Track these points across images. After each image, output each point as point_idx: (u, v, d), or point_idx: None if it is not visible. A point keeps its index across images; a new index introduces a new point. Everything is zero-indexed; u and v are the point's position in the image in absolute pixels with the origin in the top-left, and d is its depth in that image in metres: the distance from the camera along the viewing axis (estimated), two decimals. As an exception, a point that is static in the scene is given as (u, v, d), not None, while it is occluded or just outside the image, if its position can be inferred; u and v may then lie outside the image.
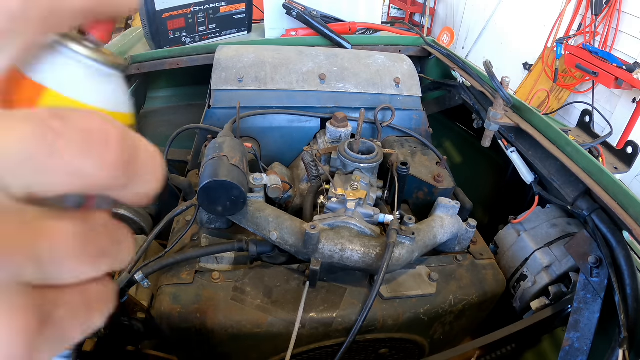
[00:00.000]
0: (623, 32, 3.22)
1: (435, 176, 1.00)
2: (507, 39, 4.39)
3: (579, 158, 0.84)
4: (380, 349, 0.85)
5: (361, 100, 1.17)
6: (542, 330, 0.86)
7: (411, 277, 0.83)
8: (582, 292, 0.76)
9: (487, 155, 1.35)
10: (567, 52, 3.23)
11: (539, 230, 0.93)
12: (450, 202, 0.89)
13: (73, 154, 0.16)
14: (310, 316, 0.75)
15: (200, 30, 1.45)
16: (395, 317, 0.79)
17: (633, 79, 2.71)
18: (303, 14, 1.48)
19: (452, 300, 0.82)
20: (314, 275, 0.76)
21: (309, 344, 0.77)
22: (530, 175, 1.00)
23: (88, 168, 0.16)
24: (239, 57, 1.17)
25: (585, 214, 0.82)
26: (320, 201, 0.88)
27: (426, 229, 0.85)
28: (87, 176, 0.16)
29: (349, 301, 0.78)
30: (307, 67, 1.16)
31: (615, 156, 1.10)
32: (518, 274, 0.92)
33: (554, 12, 3.69)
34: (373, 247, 0.77)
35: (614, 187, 0.77)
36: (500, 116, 0.99)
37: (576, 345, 0.71)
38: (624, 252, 0.74)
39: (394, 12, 5.72)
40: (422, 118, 1.23)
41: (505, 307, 0.93)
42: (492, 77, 0.99)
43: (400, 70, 1.23)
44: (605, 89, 3.23)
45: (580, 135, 1.19)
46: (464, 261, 0.90)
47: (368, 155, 0.95)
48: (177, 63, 1.34)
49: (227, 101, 1.11)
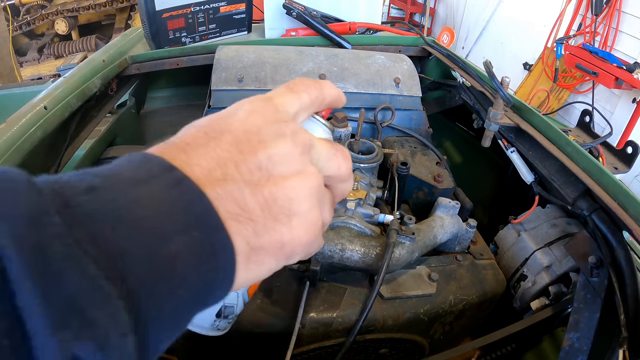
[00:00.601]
0: (623, 32, 3.23)
1: (435, 176, 1.00)
2: (507, 39, 4.39)
3: (579, 158, 0.84)
4: (380, 349, 0.85)
5: (361, 100, 1.17)
6: (542, 330, 0.86)
7: (411, 277, 0.83)
8: (582, 292, 0.76)
9: (487, 155, 1.35)
10: (567, 52, 3.23)
11: (539, 230, 0.93)
12: (450, 202, 0.89)
13: (339, 161, 0.34)
14: (310, 316, 0.75)
15: (200, 30, 1.45)
16: (395, 317, 0.79)
17: (633, 79, 2.71)
18: (303, 14, 1.48)
19: (452, 300, 0.82)
20: (314, 275, 0.76)
21: (309, 344, 0.77)
22: (530, 175, 1.00)
23: (343, 167, 0.34)
24: (239, 57, 1.17)
25: (585, 214, 0.82)
26: (320, 201, 0.87)
27: (426, 229, 0.85)
28: (339, 170, 0.34)
29: (349, 301, 0.78)
30: (307, 67, 1.16)
31: (615, 156, 1.10)
32: (518, 274, 0.92)
33: (554, 12, 3.69)
34: (373, 247, 0.77)
35: (614, 187, 0.77)
36: (500, 116, 0.99)
37: (576, 345, 0.71)
38: (624, 252, 0.74)
39: (394, 12, 5.72)
40: (422, 118, 1.23)
41: (505, 307, 0.93)
42: (492, 77, 0.99)
43: (400, 70, 1.23)
44: (605, 89, 3.23)
45: (580, 135, 1.19)
46: (464, 261, 0.90)
47: (368, 155, 0.95)
48: (177, 63, 1.34)
49: (227, 101, 1.11)
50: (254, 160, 0.27)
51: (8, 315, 0.17)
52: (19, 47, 5.23)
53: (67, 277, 0.18)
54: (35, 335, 0.17)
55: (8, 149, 0.78)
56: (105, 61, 1.20)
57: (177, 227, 0.23)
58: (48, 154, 0.98)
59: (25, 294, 0.17)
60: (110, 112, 1.34)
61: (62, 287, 0.18)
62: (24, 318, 0.17)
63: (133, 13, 5.08)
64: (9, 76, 3.53)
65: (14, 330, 0.17)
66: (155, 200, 0.23)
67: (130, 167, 0.24)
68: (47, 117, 0.90)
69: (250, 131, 0.28)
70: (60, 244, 0.19)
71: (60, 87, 1.00)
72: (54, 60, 5.10)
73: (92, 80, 1.11)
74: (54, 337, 0.17)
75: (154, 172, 0.24)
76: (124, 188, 0.22)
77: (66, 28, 5.05)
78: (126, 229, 0.21)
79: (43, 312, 0.17)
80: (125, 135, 1.40)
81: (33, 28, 5.19)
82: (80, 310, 0.18)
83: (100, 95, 1.21)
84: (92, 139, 1.18)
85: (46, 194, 0.20)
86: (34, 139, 0.85)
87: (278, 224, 0.28)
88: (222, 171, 0.26)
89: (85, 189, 0.21)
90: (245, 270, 0.27)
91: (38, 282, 0.17)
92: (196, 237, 0.23)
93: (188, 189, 0.24)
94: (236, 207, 0.26)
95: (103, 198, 0.21)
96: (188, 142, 0.27)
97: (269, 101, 0.31)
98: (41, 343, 0.17)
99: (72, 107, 1.01)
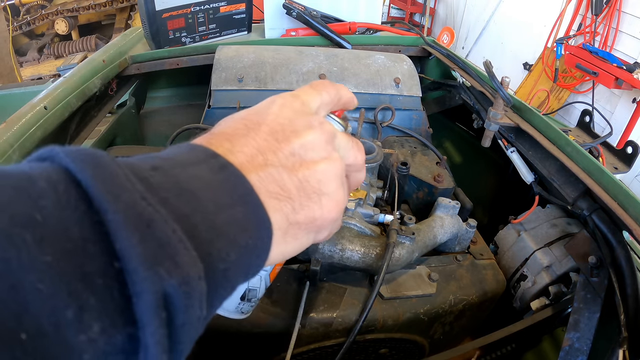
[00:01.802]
0: (623, 32, 3.22)
1: (435, 176, 1.00)
2: (507, 39, 4.39)
3: (579, 158, 0.84)
4: (380, 349, 0.85)
5: (361, 100, 1.17)
6: (542, 330, 0.86)
7: (411, 277, 0.83)
8: (582, 292, 0.76)
9: (487, 155, 1.35)
10: (567, 52, 3.23)
11: (539, 230, 0.93)
12: (450, 202, 0.89)
13: (355, 152, 0.38)
14: (310, 316, 0.75)
15: (200, 30, 1.45)
16: (395, 317, 0.79)
17: (633, 79, 2.71)
18: (303, 14, 1.48)
19: (452, 300, 0.82)
20: (314, 275, 0.76)
21: (309, 344, 0.77)
22: (530, 175, 1.00)
23: (359, 157, 0.39)
24: (239, 57, 1.17)
25: (585, 214, 0.82)
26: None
27: (426, 229, 0.85)
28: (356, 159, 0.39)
29: (349, 301, 0.78)
30: (307, 67, 1.16)
31: (615, 156, 1.10)
32: (518, 274, 0.92)
33: (554, 12, 3.69)
34: (373, 247, 0.77)
35: (614, 187, 0.77)
36: (500, 116, 0.99)
37: (576, 345, 0.71)
38: (624, 252, 0.74)
39: (394, 12, 5.72)
40: (422, 118, 1.23)
41: (505, 307, 0.93)
42: (492, 77, 0.99)
43: (400, 70, 1.23)
44: (605, 89, 3.23)
45: (580, 135, 1.19)
46: (464, 261, 0.90)
47: (368, 155, 0.95)
48: (177, 63, 1.34)
49: (227, 101, 1.11)
50: (288, 147, 0.32)
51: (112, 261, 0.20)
52: (19, 47, 5.23)
53: (156, 227, 0.22)
54: (133, 272, 0.20)
55: (8, 149, 0.78)
56: (105, 61, 1.20)
57: (226, 201, 0.27)
58: (48, 154, 0.98)
59: (124, 239, 0.20)
60: (110, 112, 1.33)
61: (153, 235, 0.21)
62: (124, 258, 0.20)
63: (133, 13, 5.08)
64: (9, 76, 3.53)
65: (109, 269, 0.20)
66: (205, 179, 0.27)
67: (181, 153, 0.28)
68: (47, 117, 0.90)
69: (283, 123, 0.33)
70: (146, 203, 0.22)
71: (60, 87, 1.00)
72: (54, 60, 5.10)
73: (92, 80, 1.11)
74: (150, 274, 0.20)
75: (201, 157, 0.28)
76: (181, 168, 0.26)
77: (66, 28, 5.05)
78: (188, 198, 0.25)
79: (140, 253, 0.20)
80: (125, 135, 1.40)
81: (33, 28, 5.19)
82: (169, 254, 0.21)
83: (100, 95, 1.21)
84: (92, 139, 1.18)
85: (124, 167, 0.23)
86: (34, 139, 0.85)
87: (311, 202, 0.32)
88: (263, 157, 0.30)
89: (151, 167, 0.25)
90: (283, 244, 0.31)
91: (134, 230, 0.21)
92: (241, 211, 0.27)
93: (232, 173, 0.28)
94: (277, 187, 0.30)
95: (167, 174, 0.25)
96: (230, 133, 0.31)
97: (297, 97, 0.36)
98: (139, 279, 0.20)
99: (72, 107, 1.01)
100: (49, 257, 0.19)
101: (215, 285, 0.25)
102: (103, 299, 0.20)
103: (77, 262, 0.19)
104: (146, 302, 0.20)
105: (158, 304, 0.20)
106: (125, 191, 0.22)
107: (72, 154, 0.22)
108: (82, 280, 0.19)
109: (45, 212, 0.20)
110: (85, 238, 0.20)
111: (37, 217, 0.19)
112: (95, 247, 0.20)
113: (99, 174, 0.22)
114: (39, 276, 0.18)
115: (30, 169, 0.22)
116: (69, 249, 0.19)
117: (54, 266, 0.19)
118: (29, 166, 0.22)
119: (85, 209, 0.21)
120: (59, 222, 0.20)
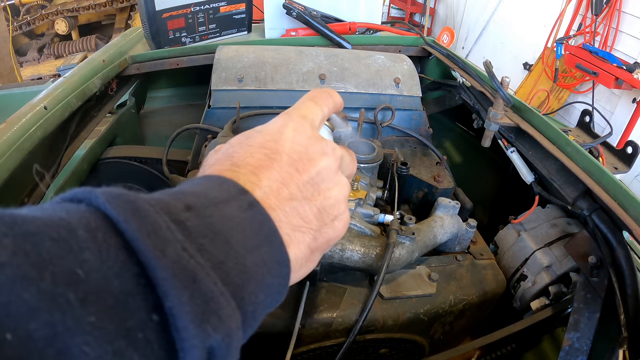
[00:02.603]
0: (623, 32, 3.22)
1: (435, 176, 1.00)
2: (507, 39, 4.39)
3: (579, 158, 0.84)
4: (380, 349, 0.85)
5: (361, 100, 1.17)
6: (542, 330, 0.86)
7: (411, 277, 0.83)
8: (582, 292, 0.76)
9: (487, 155, 1.35)
10: (567, 52, 3.23)
11: (539, 230, 0.93)
12: (450, 202, 0.89)
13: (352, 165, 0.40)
14: (311, 316, 0.75)
15: (200, 30, 1.45)
16: (395, 317, 0.79)
17: (633, 79, 2.71)
18: (303, 14, 1.48)
19: (452, 300, 0.82)
20: (314, 275, 0.76)
21: (309, 344, 0.77)
22: (530, 175, 1.00)
23: (354, 168, 0.41)
24: (239, 57, 1.17)
25: (585, 214, 0.82)
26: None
27: (426, 229, 0.85)
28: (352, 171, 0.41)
29: (349, 301, 0.78)
30: (307, 67, 1.16)
31: (615, 156, 1.10)
32: (518, 274, 0.92)
33: (554, 12, 3.69)
34: (373, 247, 0.77)
35: (614, 187, 0.77)
36: (500, 116, 0.99)
37: (576, 345, 0.71)
38: (624, 252, 0.74)
39: (394, 12, 5.72)
40: (422, 118, 1.23)
41: (505, 307, 0.93)
42: (492, 77, 0.99)
43: (400, 70, 1.23)
44: (605, 89, 3.23)
45: (580, 135, 1.19)
46: (464, 261, 0.90)
47: (368, 156, 0.95)
48: (177, 63, 1.34)
49: (227, 101, 1.11)
50: (307, 177, 0.33)
51: (151, 314, 0.20)
52: (19, 47, 5.22)
53: (201, 282, 0.22)
54: (183, 330, 0.20)
55: (8, 149, 0.78)
56: (105, 61, 1.20)
57: (254, 242, 0.27)
58: (48, 154, 0.98)
59: (174, 297, 0.21)
60: (110, 112, 1.33)
61: (200, 290, 0.22)
62: (173, 316, 0.20)
63: (133, 13, 5.07)
64: (9, 76, 3.53)
65: (147, 323, 0.20)
66: (236, 219, 0.27)
67: (212, 187, 0.28)
68: (47, 117, 0.90)
69: (300, 151, 0.34)
70: (188, 255, 0.22)
71: (60, 87, 1.00)
72: (54, 60, 5.10)
73: (92, 80, 1.11)
74: (199, 331, 0.21)
75: (232, 193, 0.28)
76: (213, 207, 0.27)
77: (66, 28, 5.05)
78: (222, 243, 0.25)
79: (190, 311, 0.21)
80: (125, 135, 1.40)
81: (33, 28, 5.19)
82: (214, 310, 0.22)
83: (100, 95, 1.21)
84: (92, 139, 1.18)
85: (162, 213, 0.23)
86: (34, 139, 0.84)
87: (326, 227, 0.34)
88: (288, 191, 0.31)
89: (185, 207, 0.25)
90: (303, 269, 0.33)
91: (183, 288, 0.21)
92: (267, 251, 0.28)
93: (258, 212, 0.29)
94: (300, 220, 0.32)
95: (200, 215, 0.25)
96: (254, 165, 0.31)
97: (306, 119, 0.37)
98: (188, 336, 0.20)
99: (72, 107, 1.01)
100: (92, 318, 0.18)
101: (245, 327, 0.25)
102: (145, 354, 0.20)
103: (119, 318, 0.19)
104: (194, 357, 0.21)
105: (203, 357, 0.21)
106: (169, 244, 0.22)
107: (111, 199, 0.22)
108: (125, 337, 0.19)
109: (87, 266, 0.19)
110: (126, 292, 0.20)
111: (79, 272, 0.19)
112: (135, 300, 0.20)
113: (142, 225, 0.21)
114: (85, 339, 0.18)
115: (67, 214, 0.21)
116: (111, 304, 0.19)
117: (98, 326, 0.18)
118: (66, 210, 0.22)
119: (125, 258, 0.21)
120: (101, 276, 0.20)
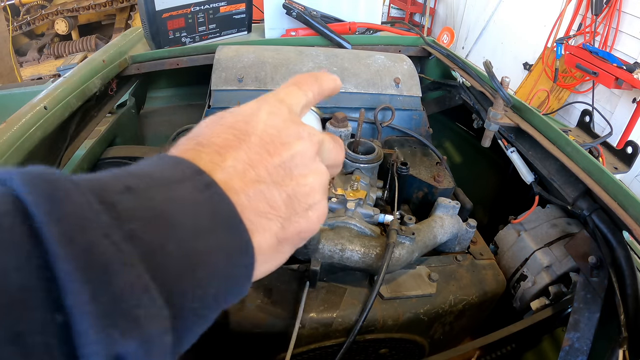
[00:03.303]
0: (623, 32, 3.22)
1: (435, 176, 1.00)
2: (507, 39, 4.39)
3: (579, 158, 0.84)
4: (380, 349, 0.85)
5: (361, 100, 1.17)
6: (542, 330, 0.86)
7: (411, 277, 0.83)
8: (582, 292, 0.76)
9: (487, 155, 1.35)
10: (567, 52, 3.23)
11: (539, 230, 0.93)
12: (450, 202, 0.89)
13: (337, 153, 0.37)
14: (310, 316, 0.75)
15: (200, 30, 1.45)
16: (395, 317, 0.79)
17: (633, 79, 2.71)
18: (303, 14, 1.48)
19: (452, 300, 0.82)
20: (314, 275, 0.76)
21: (309, 344, 0.77)
22: (530, 175, 1.00)
23: (340, 157, 0.38)
24: (239, 57, 1.17)
25: (585, 214, 0.82)
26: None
27: (426, 229, 0.85)
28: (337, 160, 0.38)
29: (349, 301, 0.78)
30: (307, 67, 1.16)
31: (615, 156, 1.10)
32: (518, 274, 0.92)
33: (554, 12, 3.69)
34: (373, 247, 0.77)
35: (614, 187, 0.77)
36: (500, 116, 0.99)
37: (576, 345, 0.71)
38: (624, 252, 0.74)
39: (394, 12, 5.72)
40: (422, 118, 1.23)
41: (505, 307, 0.93)
42: (492, 77, 0.99)
43: (400, 70, 1.23)
44: (605, 89, 3.23)
45: (580, 135, 1.19)
46: (464, 261, 0.90)
47: (368, 156, 0.95)
48: (177, 63, 1.34)
49: (227, 101, 1.11)
50: (279, 160, 0.30)
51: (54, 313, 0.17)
52: (19, 47, 5.22)
53: (114, 276, 0.18)
54: (83, 334, 0.17)
55: (8, 149, 0.78)
56: (105, 61, 1.20)
57: (208, 225, 0.24)
58: (48, 154, 0.98)
59: (74, 294, 0.17)
60: (110, 112, 1.33)
61: (109, 286, 0.18)
62: (73, 317, 0.17)
63: (133, 13, 5.07)
64: (9, 76, 3.53)
65: (60, 330, 0.17)
66: (187, 200, 0.24)
67: (163, 167, 0.26)
68: (47, 117, 0.90)
69: (273, 133, 0.31)
70: (108, 241, 0.19)
71: (60, 87, 1.00)
72: (54, 60, 5.10)
73: (92, 80, 1.11)
74: (102, 337, 0.17)
75: (187, 174, 0.26)
76: (159, 187, 0.24)
77: (66, 28, 5.05)
78: (162, 227, 0.22)
79: (90, 311, 0.17)
80: (125, 135, 1.40)
81: (33, 28, 5.19)
82: (126, 310, 0.18)
83: (100, 95, 1.21)
84: (92, 139, 1.18)
85: (88, 193, 0.20)
86: (34, 139, 0.84)
87: (297, 217, 0.31)
88: (255, 172, 0.29)
89: (124, 187, 0.22)
90: (269, 261, 0.30)
91: (87, 282, 0.18)
92: (223, 237, 0.25)
93: (215, 193, 0.26)
94: (267, 206, 0.29)
95: (140, 196, 0.22)
96: (220, 144, 0.29)
97: (283, 103, 0.34)
98: (88, 342, 0.17)
99: (72, 107, 1.01)
100: None
101: (192, 323, 0.23)
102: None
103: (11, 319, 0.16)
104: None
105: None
106: (85, 231, 0.19)
107: (28, 179, 0.19)
108: (14, 343, 0.16)
109: None
110: (25, 287, 0.17)
111: None
112: (36, 297, 0.17)
113: (54, 208, 0.18)
114: None
115: None
116: (4, 303, 0.16)
117: None
118: None
119: (30, 248, 0.18)
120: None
